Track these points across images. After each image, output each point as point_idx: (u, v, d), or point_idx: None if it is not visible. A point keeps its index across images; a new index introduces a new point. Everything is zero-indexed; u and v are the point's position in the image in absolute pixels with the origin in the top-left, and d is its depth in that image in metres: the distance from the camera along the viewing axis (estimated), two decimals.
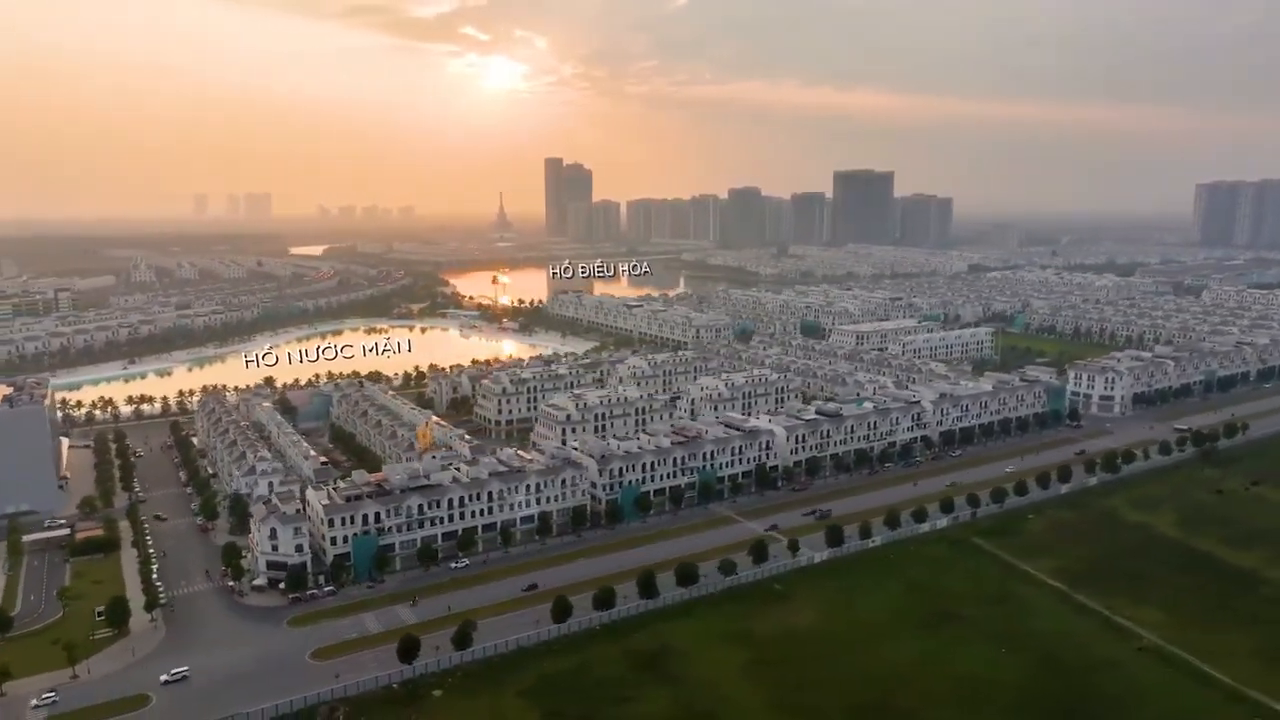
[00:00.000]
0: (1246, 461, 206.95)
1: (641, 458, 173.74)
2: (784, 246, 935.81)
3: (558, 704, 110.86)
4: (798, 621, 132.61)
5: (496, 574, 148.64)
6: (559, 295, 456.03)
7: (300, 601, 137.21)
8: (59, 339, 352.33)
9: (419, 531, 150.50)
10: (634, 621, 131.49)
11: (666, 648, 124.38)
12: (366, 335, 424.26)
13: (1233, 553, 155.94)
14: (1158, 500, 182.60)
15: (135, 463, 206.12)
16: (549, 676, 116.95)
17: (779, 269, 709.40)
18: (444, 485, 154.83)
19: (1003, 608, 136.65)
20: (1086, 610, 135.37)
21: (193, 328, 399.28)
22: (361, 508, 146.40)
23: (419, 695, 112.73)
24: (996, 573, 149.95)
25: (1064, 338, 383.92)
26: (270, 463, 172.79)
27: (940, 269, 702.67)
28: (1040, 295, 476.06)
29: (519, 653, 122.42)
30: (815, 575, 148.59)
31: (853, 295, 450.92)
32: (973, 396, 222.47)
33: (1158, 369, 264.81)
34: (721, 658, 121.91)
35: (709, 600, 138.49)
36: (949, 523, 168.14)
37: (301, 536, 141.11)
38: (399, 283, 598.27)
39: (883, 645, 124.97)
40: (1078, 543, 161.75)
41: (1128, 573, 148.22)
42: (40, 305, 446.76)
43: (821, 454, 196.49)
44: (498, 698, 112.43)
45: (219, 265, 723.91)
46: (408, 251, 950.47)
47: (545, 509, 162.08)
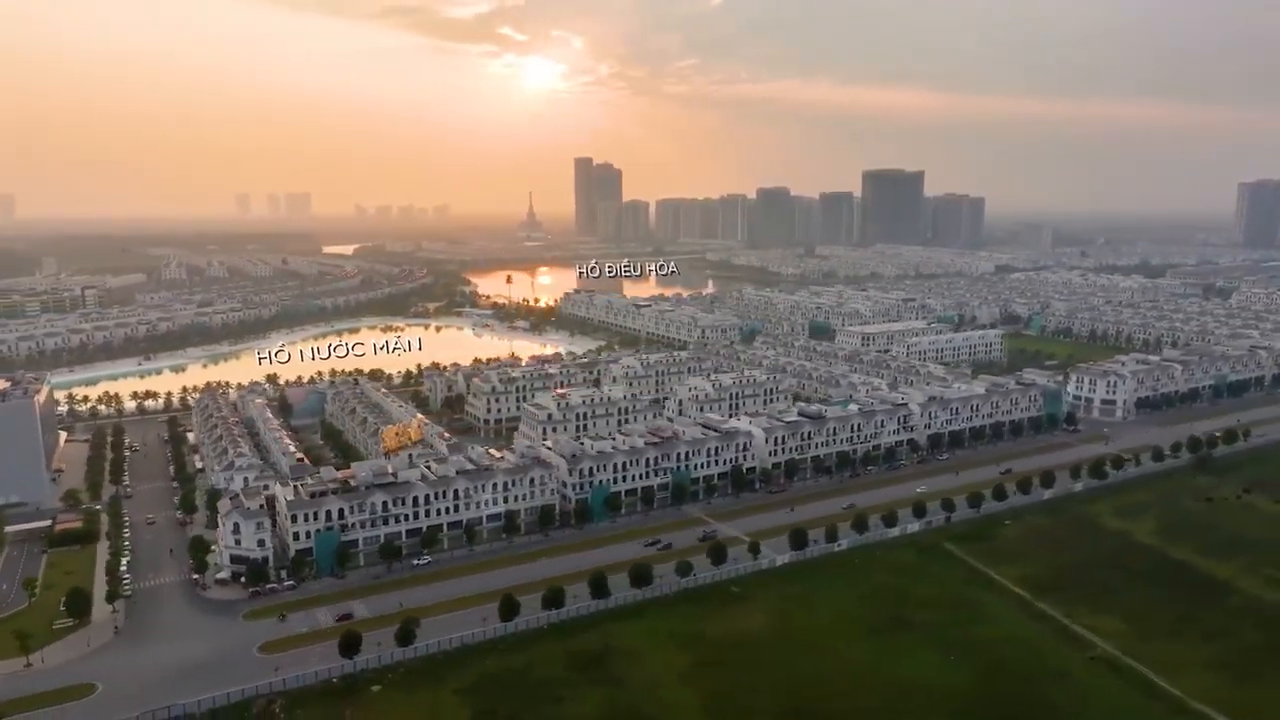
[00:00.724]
0: (1245, 469, 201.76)
1: (613, 458, 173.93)
2: (811, 247, 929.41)
3: (492, 702, 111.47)
4: (749, 624, 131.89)
5: (459, 571, 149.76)
6: (571, 295, 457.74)
7: (259, 595, 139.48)
8: (78, 335, 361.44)
9: (383, 528, 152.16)
10: (584, 621, 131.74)
11: (612, 648, 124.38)
12: (382, 334, 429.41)
13: (1209, 562, 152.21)
14: (1142, 507, 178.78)
15: (130, 457, 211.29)
16: (489, 675, 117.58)
17: (801, 269, 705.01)
18: (409, 483, 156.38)
19: (959, 614, 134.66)
20: (1045, 618, 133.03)
21: (210, 325, 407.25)
22: (325, 504, 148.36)
23: (358, 690, 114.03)
24: (960, 579, 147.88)
25: (1079, 340, 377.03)
26: (248, 458, 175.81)
27: (966, 270, 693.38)
28: (1062, 297, 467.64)
29: (462, 650, 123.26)
30: (775, 578, 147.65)
31: (865, 296, 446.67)
32: (962, 400, 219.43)
33: (1164, 373, 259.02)
34: (665, 660, 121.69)
35: (663, 601, 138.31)
36: (921, 527, 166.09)
37: (264, 531, 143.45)
38: (419, 281, 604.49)
39: (829, 650, 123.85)
40: (1050, 550, 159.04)
41: (1095, 581, 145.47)
42: (67, 302, 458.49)
43: (802, 456, 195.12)
44: (435, 694, 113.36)
45: (247, 264, 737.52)
46: (435, 251, 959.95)
47: (513, 508, 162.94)
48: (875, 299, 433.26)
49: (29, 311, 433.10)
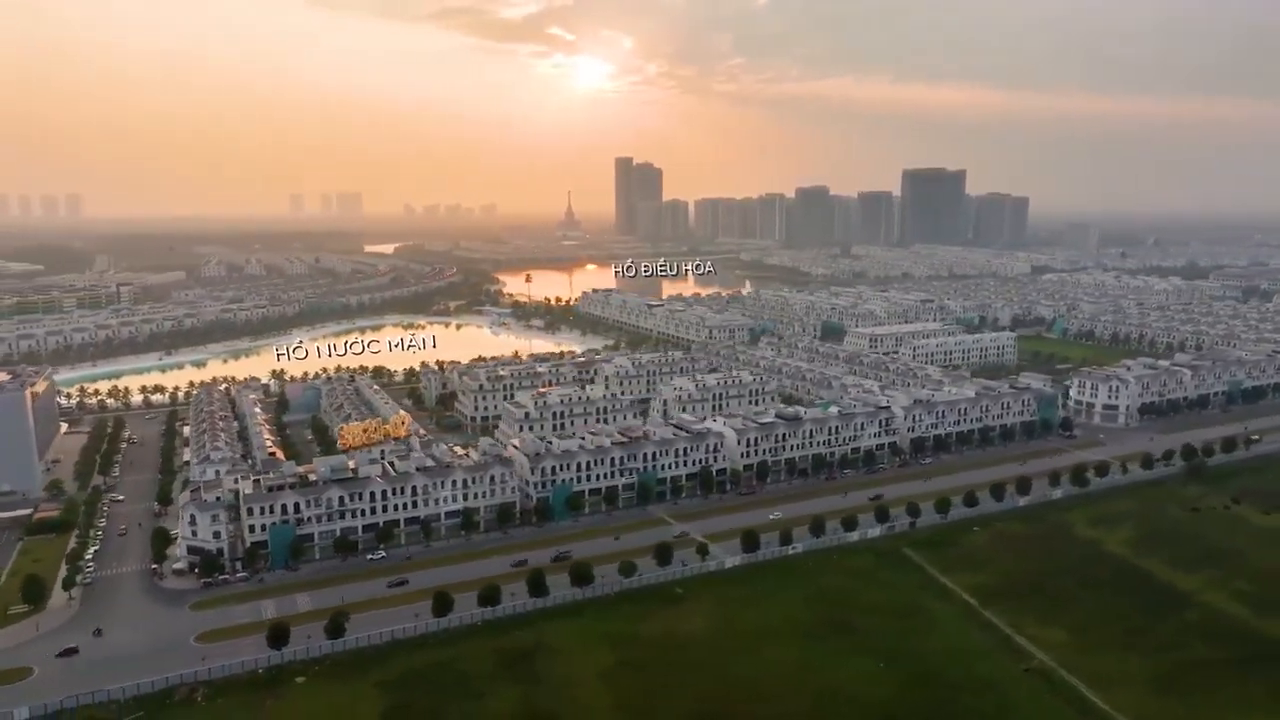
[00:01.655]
0: (1241, 478, 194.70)
1: (576, 457, 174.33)
2: (847, 247, 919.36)
3: (409, 697, 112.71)
4: (685, 626, 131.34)
5: (412, 566, 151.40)
6: (588, 295, 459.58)
7: (212, 586, 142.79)
8: (105, 330, 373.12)
9: (339, 523, 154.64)
10: (519, 619, 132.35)
11: (542, 646, 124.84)
12: (403, 331, 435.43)
13: (1177, 574, 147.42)
14: (1121, 516, 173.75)
15: (126, 450, 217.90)
16: (413, 670, 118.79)
17: (831, 269, 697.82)
18: (367, 479, 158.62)
19: (902, 621, 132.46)
20: (989, 627, 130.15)
21: (234, 322, 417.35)
22: (281, 498, 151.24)
23: (281, 681, 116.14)
24: (913, 585, 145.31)
25: (1101, 344, 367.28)
26: (223, 452, 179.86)
27: (1001, 271, 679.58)
28: (1091, 299, 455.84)
29: (391, 645, 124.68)
30: (722, 580, 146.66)
31: (884, 297, 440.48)
32: (949, 403, 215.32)
33: (1171, 378, 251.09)
34: (591, 659, 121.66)
35: (604, 601, 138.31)
36: (883, 532, 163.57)
37: (219, 523, 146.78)
38: (447, 280, 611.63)
39: (758, 654, 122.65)
40: (1013, 558, 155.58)
41: (1052, 591, 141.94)
42: (103, 298, 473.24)
43: (776, 458, 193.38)
44: (356, 687, 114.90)
45: (284, 262, 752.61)
46: (472, 250, 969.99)
47: (472, 505, 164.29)
48: (893, 300, 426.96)
49: (65, 307, 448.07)
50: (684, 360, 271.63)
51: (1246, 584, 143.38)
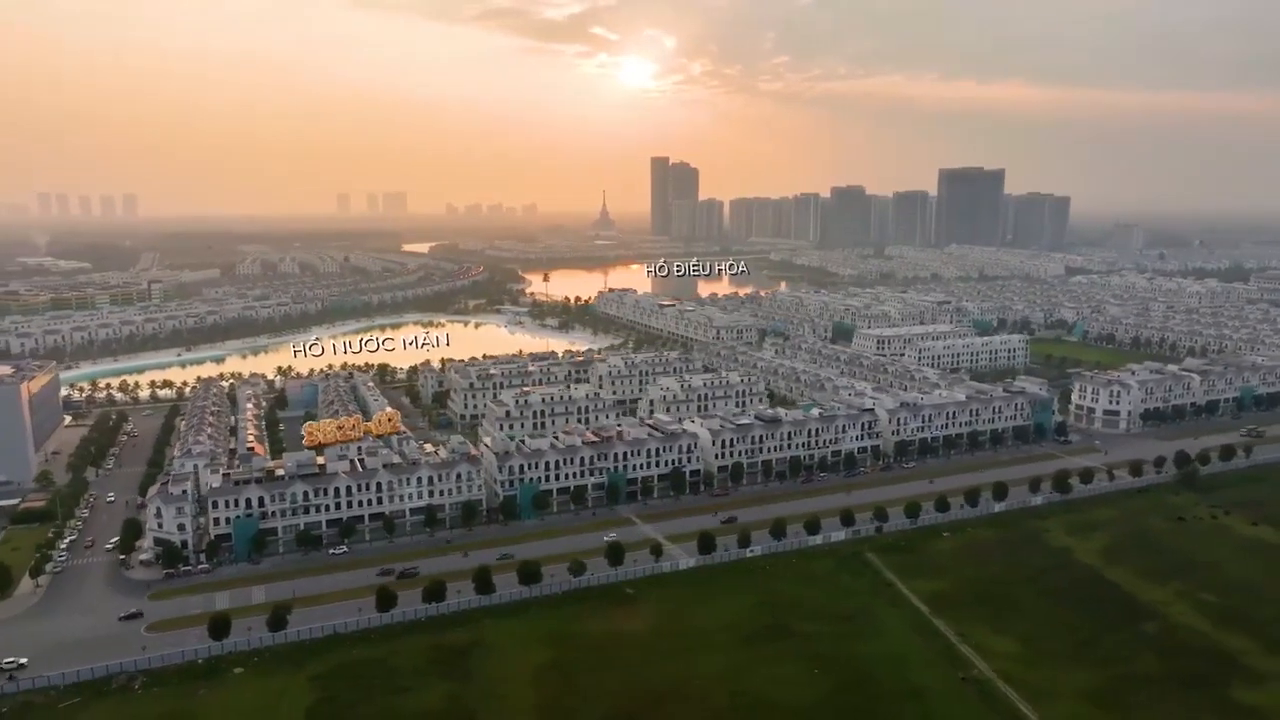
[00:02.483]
0: (1235, 488, 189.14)
1: (544, 456, 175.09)
2: (880, 247, 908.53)
3: (337, 690, 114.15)
4: (627, 626, 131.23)
5: (373, 561, 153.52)
6: (604, 294, 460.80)
7: (174, 577, 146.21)
8: (129, 326, 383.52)
9: (303, 517, 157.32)
10: (462, 616, 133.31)
11: (480, 644, 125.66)
12: (423, 329, 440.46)
13: (1144, 584, 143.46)
14: (1099, 524, 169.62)
15: (124, 442, 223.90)
16: (348, 663, 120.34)
17: (859, 270, 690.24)
18: (332, 474, 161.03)
19: (848, 626, 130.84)
20: (936, 635, 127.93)
21: (256, 319, 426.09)
22: (245, 491, 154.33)
23: (219, 671, 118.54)
24: (867, 590, 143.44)
25: (1121, 347, 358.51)
26: (204, 446, 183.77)
27: (1035, 272, 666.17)
28: (1118, 302, 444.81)
29: (332, 638, 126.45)
30: (675, 581, 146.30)
31: (901, 298, 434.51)
32: (936, 407, 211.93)
33: (1178, 383, 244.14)
34: (526, 658, 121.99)
35: (550, 600, 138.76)
36: (848, 536, 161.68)
37: (184, 516, 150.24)
38: (472, 278, 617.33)
39: (691, 656, 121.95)
40: (977, 565, 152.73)
41: (1009, 599, 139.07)
42: (134, 295, 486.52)
43: (752, 460, 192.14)
44: (290, 679, 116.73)
45: (317, 260, 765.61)
46: (505, 249, 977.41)
47: (437, 502, 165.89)
48: (910, 302, 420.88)
49: (98, 303, 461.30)
50: (678, 361, 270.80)
51: (1214, 596, 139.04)
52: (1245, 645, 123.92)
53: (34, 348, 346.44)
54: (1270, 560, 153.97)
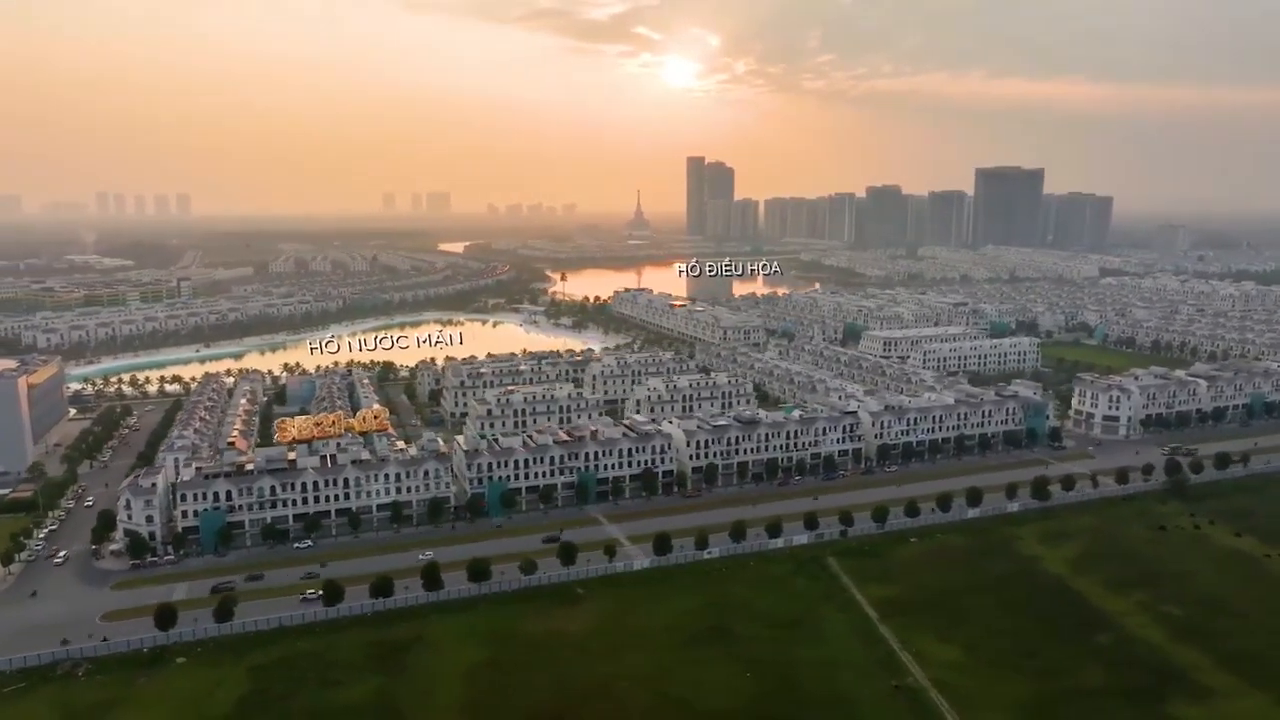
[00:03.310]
0: (1226, 497, 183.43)
1: (514, 454, 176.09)
2: (914, 248, 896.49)
3: (271, 681, 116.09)
4: (569, 626, 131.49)
5: (335, 556, 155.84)
6: (620, 294, 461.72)
7: (140, 567, 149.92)
8: (153, 323, 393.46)
9: (270, 511, 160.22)
10: (408, 612, 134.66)
11: (421, 640, 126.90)
12: (440, 328, 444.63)
13: (1108, 595, 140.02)
14: (1075, 533, 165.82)
15: (126, 435, 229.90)
16: (288, 656, 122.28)
17: (886, 271, 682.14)
18: (300, 469, 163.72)
19: (790, 631, 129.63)
20: (879, 642, 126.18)
21: (277, 316, 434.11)
22: (213, 485, 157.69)
23: (163, 660, 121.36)
24: (818, 595, 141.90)
25: (1142, 351, 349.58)
26: (187, 439, 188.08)
27: (1068, 274, 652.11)
28: (1145, 304, 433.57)
29: (277, 630, 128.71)
30: (627, 582, 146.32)
31: (919, 300, 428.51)
32: (922, 410, 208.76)
33: (1183, 389, 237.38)
34: (463, 655, 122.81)
35: (499, 598, 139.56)
36: (810, 540, 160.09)
37: (152, 508, 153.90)
38: (496, 278, 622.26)
39: (625, 657, 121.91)
40: (939, 571, 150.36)
41: (963, 607, 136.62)
42: (164, 293, 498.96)
43: (728, 461, 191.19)
44: (228, 670, 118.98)
45: (348, 259, 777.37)
46: (536, 248, 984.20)
47: (404, 499, 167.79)
48: (927, 303, 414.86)
49: (129, 300, 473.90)
50: (671, 361, 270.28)
51: (1178, 608, 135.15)
52: (1198, 660, 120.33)
53: (59, 343, 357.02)
54: (1245, 573, 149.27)
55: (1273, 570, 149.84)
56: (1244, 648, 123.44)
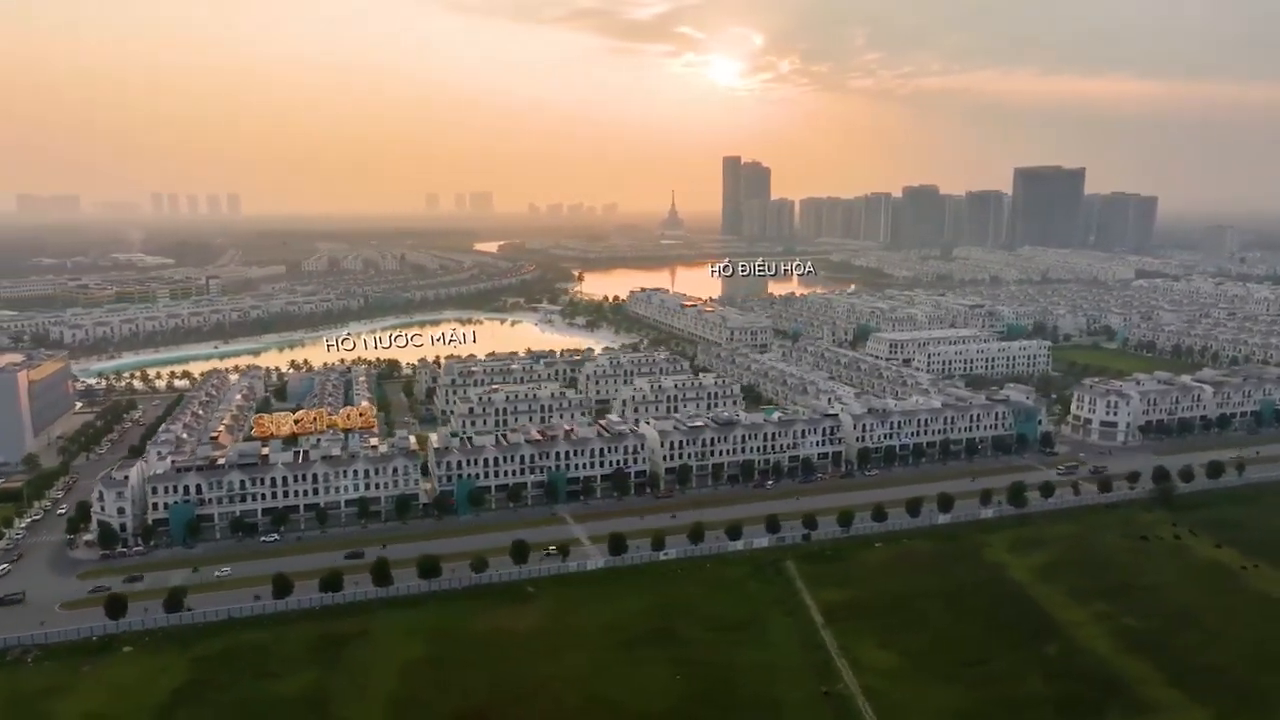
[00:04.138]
0: (1214, 507, 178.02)
1: (483, 453, 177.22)
2: (948, 249, 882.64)
3: (211, 672, 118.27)
4: (513, 624, 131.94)
5: (300, 550, 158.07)
6: (636, 294, 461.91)
7: (110, 558, 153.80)
8: (175, 320, 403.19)
9: (239, 505, 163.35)
10: (356, 607, 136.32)
11: (365, 635, 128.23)
12: (460, 326, 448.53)
13: (1068, 605, 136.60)
14: (1048, 541, 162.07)
15: (128, 429, 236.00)
16: (232, 647, 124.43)
17: (915, 272, 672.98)
18: (271, 464, 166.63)
19: (733, 634, 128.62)
20: (819, 647, 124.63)
21: (297, 314, 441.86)
22: (184, 479, 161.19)
23: (110, 649, 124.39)
24: (768, 598, 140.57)
25: (1162, 355, 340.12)
26: (173, 433, 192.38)
27: (1103, 275, 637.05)
28: (1174, 308, 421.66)
29: (226, 622, 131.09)
30: (578, 581, 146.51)
31: (935, 301, 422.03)
32: (906, 414, 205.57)
33: (1186, 395, 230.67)
34: (402, 651, 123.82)
35: (448, 595, 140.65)
36: (772, 543, 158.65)
37: (123, 500, 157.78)
38: (520, 276, 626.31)
39: (562, 656, 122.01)
40: (898, 577, 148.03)
41: (913, 614, 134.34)
42: (193, 290, 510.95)
43: (703, 463, 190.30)
44: (171, 660, 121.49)
45: (379, 257, 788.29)
46: (568, 248, 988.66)
47: (372, 494, 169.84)
48: (943, 305, 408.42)
49: (158, 297, 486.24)
50: (665, 361, 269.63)
51: (1137, 620, 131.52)
52: (1146, 673, 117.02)
53: (83, 338, 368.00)
54: (1218, 585, 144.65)
55: (1248, 584, 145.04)
56: (1198, 662, 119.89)
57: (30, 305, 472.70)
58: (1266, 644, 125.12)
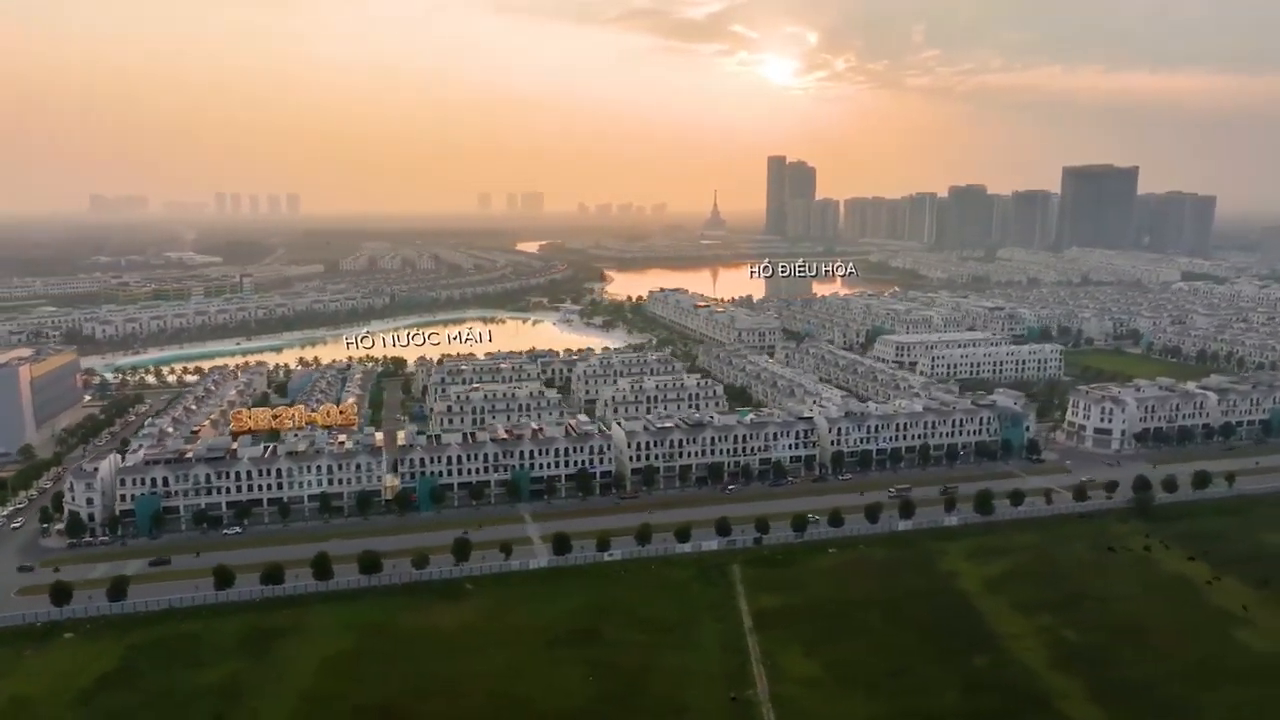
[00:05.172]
0: (1194, 519, 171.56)
1: (447, 450, 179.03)
2: (991, 251, 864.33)
3: (140, 659, 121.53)
4: (446, 621, 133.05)
5: (260, 542, 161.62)
6: (655, 294, 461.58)
7: (76, 547, 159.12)
8: (202, 317, 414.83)
9: (205, 498, 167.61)
10: (296, 600, 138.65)
11: (297, 628, 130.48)
12: (481, 325, 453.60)
13: (1011, 616, 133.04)
14: (1010, 550, 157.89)
15: (130, 423, 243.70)
16: (166, 637, 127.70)
17: (950, 274, 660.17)
18: (237, 459, 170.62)
19: (660, 637, 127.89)
20: (741, 653, 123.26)
21: (323, 312, 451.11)
22: (151, 471, 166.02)
23: (53, 635, 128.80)
24: (705, 602, 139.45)
25: (1187, 361, 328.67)
26: (157, 427, 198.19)
27: (1146, 278, 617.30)
28: (1209, 312, 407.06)
29: (167, 612, 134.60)
30: (518, 580, 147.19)
31: (955, 303, 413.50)
32: (884, 418, 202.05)
33: (1188, 402, 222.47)
34: (328, 644, 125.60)
35: (387, 590, 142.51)
36: (723, 546, 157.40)
37: (93, 491, 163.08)
38: (550, 276, 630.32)
39: (484, 654, 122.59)
40: (842, 584, 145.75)
41: (848, 621, 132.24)
42: (227, 288, 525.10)
43: (670, 464, 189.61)
44: (107, 647, 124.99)
45: (416, 256, 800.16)
46: (608, 247, 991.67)
47: (334, 490, 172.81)
48: (962, 307, 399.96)
49: (193, 295, 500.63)
50: (657, 362, 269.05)
51: (1079, 633, 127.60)
52: (1072, 689, 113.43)
53: (113, 334, 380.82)
54: (1176, 599, 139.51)
55: (1209, 599, 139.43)
56: (1130, 678, 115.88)
57: (76, 302, 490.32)
58: (1210, 661, 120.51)
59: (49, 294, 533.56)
